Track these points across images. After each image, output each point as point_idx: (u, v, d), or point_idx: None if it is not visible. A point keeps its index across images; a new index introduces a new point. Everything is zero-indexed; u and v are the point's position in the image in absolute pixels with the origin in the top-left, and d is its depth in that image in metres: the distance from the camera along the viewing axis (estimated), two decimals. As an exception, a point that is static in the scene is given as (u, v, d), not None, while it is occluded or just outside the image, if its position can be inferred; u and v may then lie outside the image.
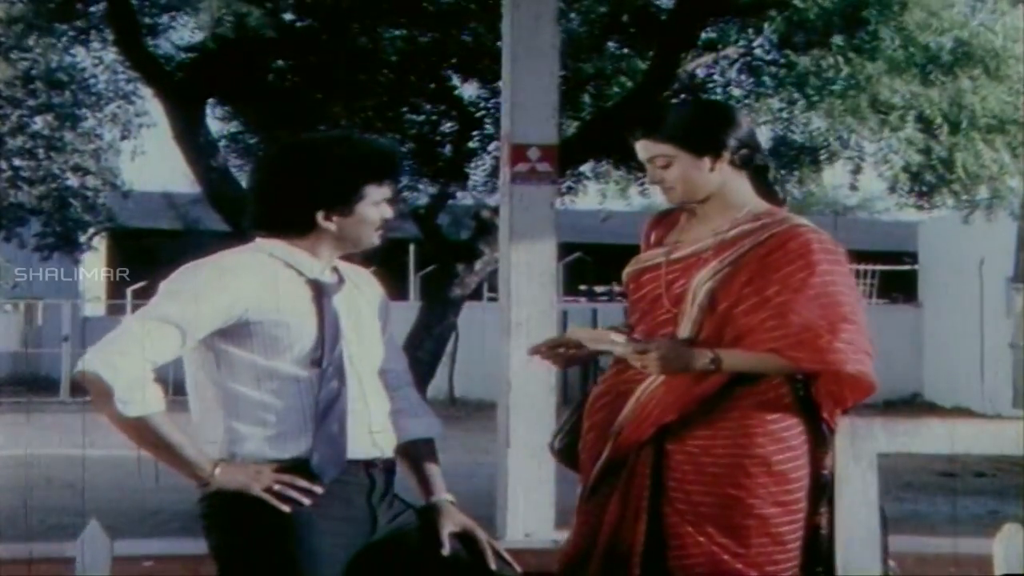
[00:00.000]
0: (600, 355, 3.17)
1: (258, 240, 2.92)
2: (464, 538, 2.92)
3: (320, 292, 2.87)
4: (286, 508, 2.76)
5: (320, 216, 2.88)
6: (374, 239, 2.94)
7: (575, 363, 3.17)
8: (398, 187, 2.98)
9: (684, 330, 2.99)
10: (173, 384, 2.87)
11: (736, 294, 2.94)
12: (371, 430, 2.89)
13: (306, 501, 2.76)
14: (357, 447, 2.86)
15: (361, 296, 2.97)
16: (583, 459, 3.10)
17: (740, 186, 3.05)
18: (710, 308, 2.96)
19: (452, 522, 2.92)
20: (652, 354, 2.96)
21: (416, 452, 3.00)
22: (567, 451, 3.19)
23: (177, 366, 2.90)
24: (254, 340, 2.82)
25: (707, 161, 3.02)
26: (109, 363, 2.76)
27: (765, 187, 3.09)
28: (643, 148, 3.07)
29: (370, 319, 2.96)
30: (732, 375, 2.94)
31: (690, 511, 2.95)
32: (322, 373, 2.83)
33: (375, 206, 2.90)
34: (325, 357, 2.83)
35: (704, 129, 3.04)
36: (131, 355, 2.76)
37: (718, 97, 9.47)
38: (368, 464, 2.88)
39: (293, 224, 2.89)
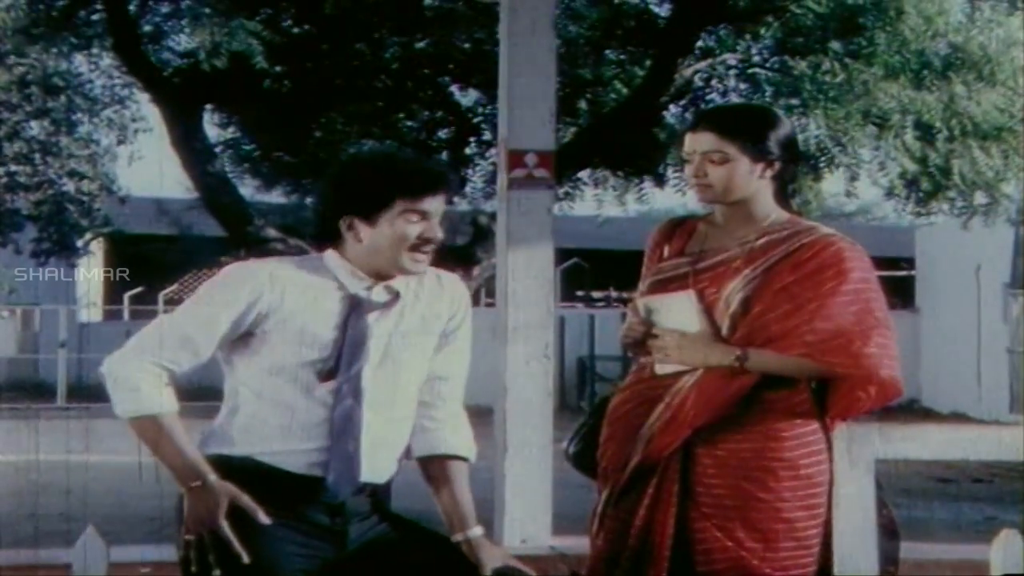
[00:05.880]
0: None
1: (326, 252, 2.89)
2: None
3: (354, 308, 2.83)
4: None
5: (343, 224, 2.83)
6: (406, 261, 2.82)
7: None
8: (447, 202, 2.87)
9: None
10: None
11: (769, 301, 2.97)
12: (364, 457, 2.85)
13: (267, 520, 2.74)
14: None
15: (414, 314, 2.89)
16: (604, 466, 3.10)
17: (767, 195, 3.07)
18: (743, 315, 2.98)
19: (496, 558, 2.90)
20: (669, 339, 2.99)
21: (447, 472, 2.95)
22: (581, 456, 3.19)
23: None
24: (267, 342, 2.81)
25: (759, 167, 3.04)
26: (115, 363, 2.78)
27: (782, 196, 3.10)
28: (701, 140, 3.04)
29: (411, 340, 2.88)
30: (761, 379, 2.96)
31: (717, 515, 2.96)
32: (337, 389, 2.81)
33: (404, 221, 2.80)
34: (340, 373, 2.80)
35: (768, 136, 3.04)
36: (137, 357, 2.77)
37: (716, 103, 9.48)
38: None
39: (324, 231, 2.87)
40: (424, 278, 2.92)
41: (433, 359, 2.94)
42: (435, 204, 2.84)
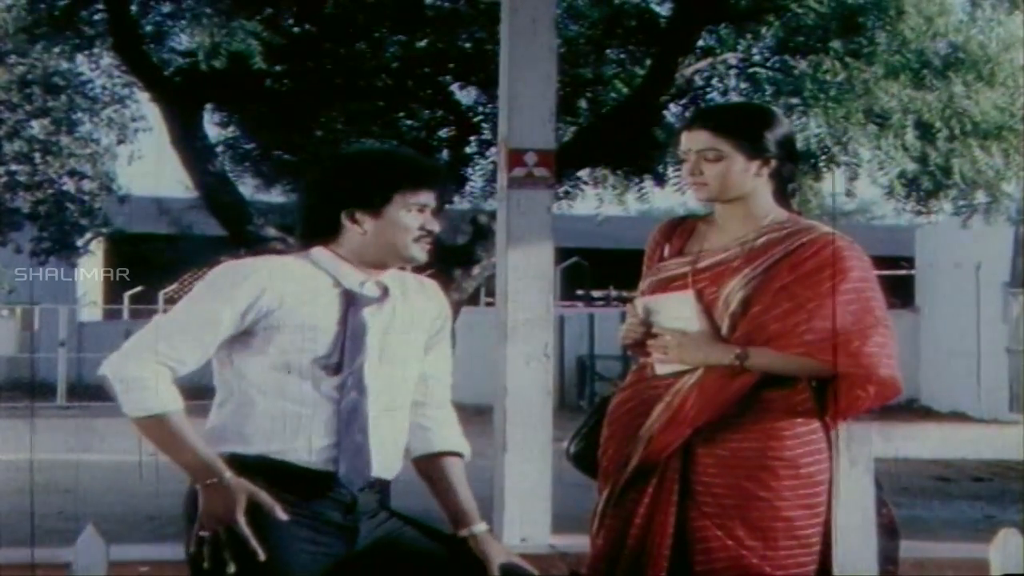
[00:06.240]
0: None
1: (313, 249, 2.92)
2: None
3: (350, 302, 2.86)
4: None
5: (345, 217, 2.88)
6: (414, 250, 2.89)
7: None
8: (441, 203, 2.94)
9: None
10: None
11: (769, 300, 2.98)
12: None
13: (284, 516, 2.75)
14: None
15: (405, 311, 2.93)
16: (605, 466, 3.11)
17: (765, 194, 3.08)
18: (742, 314, 2.99)
19: (502, 554, 2.92)
20: (669, 339, 3.00)
21: (448, 470, 2.98)
22: (581, 456, 3.20)
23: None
24: (271, 340, 2.82)
25: (755, 165, 3.05)
26: (115, 364, 2.79)
27: (781, 194, 3.11)
28: (696, 138, 3.07)
29: (406, 336, 2.92)
30: (762, 378, 2.97)
31: (717, 514, 2.97)
32: (342, 384, 2.83)
33: (408, 212, 2.87)
34: (345, 367, 2.83)
35: (763, 133, 3.06)
36: (138, 356, 2.78)
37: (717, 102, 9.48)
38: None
39: (320, 226, 2.90)
40: (406, 279, 2.99)
41: (424, 359, 2.99)
42: (431, 198, 2.91)
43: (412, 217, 2.88)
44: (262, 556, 2.70)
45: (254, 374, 2.84)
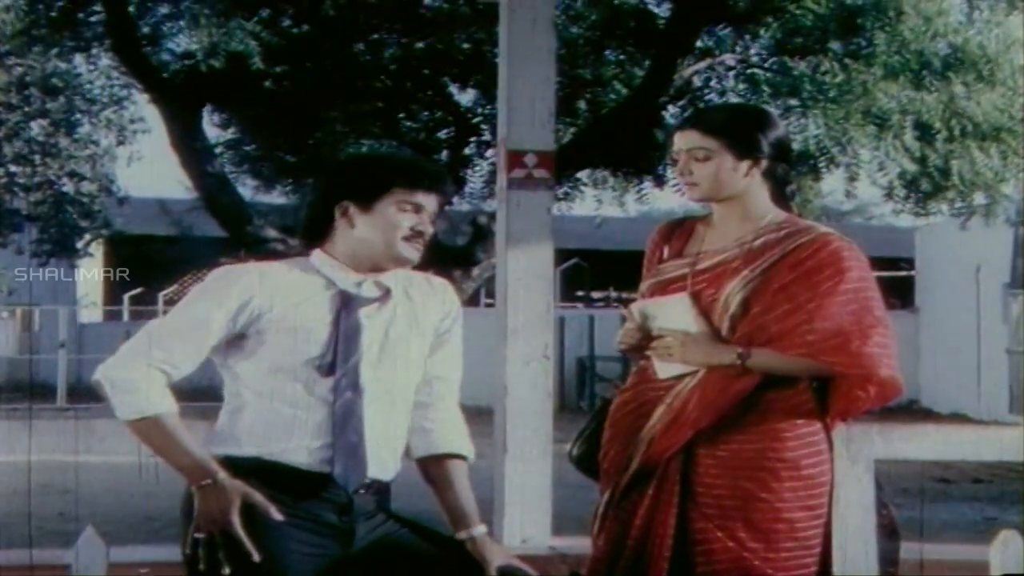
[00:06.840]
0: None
1: (312, 253, 2.93)
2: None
3: (344, 303, 2.86)
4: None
5: (337, 212, 2.88)
6: (403, 248, 2.88)
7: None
8: (441, 208, 2.94)
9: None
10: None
11: (768, 301, 2.98)
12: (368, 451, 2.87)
13: (279, 517, 2.76)
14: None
15: (408, 312, 2.93)
16: (606, 467, 3.11)
17: (761, 194, 3.07)
18: (742, 316, 2.99)
19: (501, 557, 2.92)
20: (671, 339, 3.00)
21: (449, 472, 2.98)
22: (584, 458, 3.19)
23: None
24: (263, 342, 2.83)
25: (745, 164, 3.04)
26: (108, 369, 2.80)
27: (780, 196, 3.10)
28: (685, 138, 3.07)
29: (407, 337, 2.92)
30: (763, 379, 2.97)
31: (718, 515, 2.97)
32: (336, 384, 2.83)
33: (400, 210, 2.87)
34: (338, 367, 2.83)
35: (752, 133, 3.05)
36: (130, 360, 2.79)
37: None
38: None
39: (317, 224, 2.90)
40: (414, 279, 2.98)
41: (429, 360, 2.98)
42: (429, 200, 2.90)
43: (404, 216, 2.87)
44: (257, 557, 2.70)
45: (248, 376, 2.85)
